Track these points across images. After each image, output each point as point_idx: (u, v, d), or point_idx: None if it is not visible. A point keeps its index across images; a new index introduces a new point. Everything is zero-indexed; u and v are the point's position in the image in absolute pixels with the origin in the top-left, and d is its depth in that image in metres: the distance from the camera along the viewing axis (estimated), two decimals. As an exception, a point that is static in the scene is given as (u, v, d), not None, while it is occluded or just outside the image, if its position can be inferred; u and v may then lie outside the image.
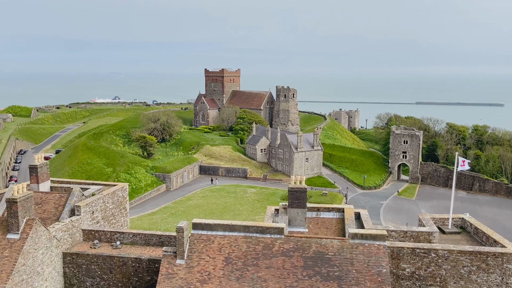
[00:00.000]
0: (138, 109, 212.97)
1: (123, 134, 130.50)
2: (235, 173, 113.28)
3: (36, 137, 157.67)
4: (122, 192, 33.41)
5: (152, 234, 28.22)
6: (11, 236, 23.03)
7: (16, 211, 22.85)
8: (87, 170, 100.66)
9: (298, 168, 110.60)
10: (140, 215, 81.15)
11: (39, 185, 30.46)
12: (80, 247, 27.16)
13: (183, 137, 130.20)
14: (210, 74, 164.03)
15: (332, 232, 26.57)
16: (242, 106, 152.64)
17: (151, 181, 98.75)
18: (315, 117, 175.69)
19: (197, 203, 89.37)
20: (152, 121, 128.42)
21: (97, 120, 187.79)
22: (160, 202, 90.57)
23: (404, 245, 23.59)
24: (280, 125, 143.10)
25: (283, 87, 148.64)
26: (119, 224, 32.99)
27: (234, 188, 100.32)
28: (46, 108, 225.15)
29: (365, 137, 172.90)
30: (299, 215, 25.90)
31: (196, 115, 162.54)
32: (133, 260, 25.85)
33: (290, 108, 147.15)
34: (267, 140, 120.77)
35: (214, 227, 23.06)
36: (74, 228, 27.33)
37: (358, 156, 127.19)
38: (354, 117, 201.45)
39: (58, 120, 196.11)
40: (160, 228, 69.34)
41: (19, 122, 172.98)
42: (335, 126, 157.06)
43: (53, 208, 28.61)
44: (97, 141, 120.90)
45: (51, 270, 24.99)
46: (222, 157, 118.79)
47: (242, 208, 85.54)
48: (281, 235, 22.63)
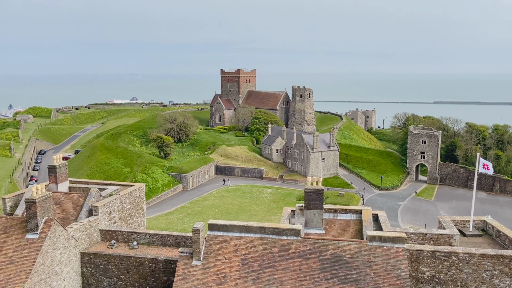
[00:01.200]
0: (155, 110, 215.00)
1: (140, 134, 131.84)
2: (250, 173, 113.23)
3: (56, 138, 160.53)
4: (139, 192, 33.61)
5: (169, 234, 28.29)
6: (30, 236, 23.34)
7: (35, 211, 23.16)
8: (105, 170, 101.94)
9: (314, 168, 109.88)
10: (157, 215, 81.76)
11: (57, 186, 30.86)
12: (98, 247, 27.40)
13: (199, 138, 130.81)
14: (226, 75, 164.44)
15: (350, 234, 26.18)
16: (257, 106, 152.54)
17: (168, 181, 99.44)
18: (331, 117, 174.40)
19: (213, 203, 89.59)
20: (169, 122, 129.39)
21: (115, 121, 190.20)
22: (176, 202, 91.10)
23: (424, 248, 23.09)
24: (296, 125, 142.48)
25: (299, 87, 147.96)
26: (136, 224, 33.20)
27: (250, 188, 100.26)
28: (65, 109, 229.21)
29: (382, 137, 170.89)
30: (315, 216, 25.61)
31: (212, 116, 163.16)
32: (149, 260, 25.96)
33: (306, 108, 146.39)
34: (282, 140, 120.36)
35: (230, 228, 22.96)
36: (91, 228, 27.58)
37: (375, 157, 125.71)
38: (371, 117, 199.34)
39: (77, 120, 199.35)
40: (177, 228, 69.71)
41: (40, 122, 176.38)
42: (351, 126, 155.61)
43: (71, 208, 28.95)
44: (115, 141, 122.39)
45: (69, 270, 25.26)
46: (238, 157, 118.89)
47: (258, 208, 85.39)
48: (297, 237, 22.39)
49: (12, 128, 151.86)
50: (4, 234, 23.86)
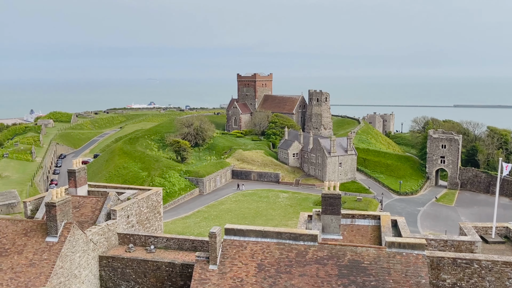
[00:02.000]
0: (172, 114, 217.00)
1: (157, 138, 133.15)
2: (267, 177, 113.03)
3: (75, 142, 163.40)
4: (156, 196, 33.87)
5: (185, 238, 28.38)
6: (50, 239, 23.70)
7: (54, 214, 23.51)
8: (123, 174, 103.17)
9: (331, 173, 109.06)
10: (174, 218, 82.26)
11: (77, 189, 31.32)
12: (116, 250, 27.64)
13: (215, 142, 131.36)
14: (242, 79, 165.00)
15: (368, 240, 25.80)
16: (274, 110, 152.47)
17: (185, 185, 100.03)
18: (349, 121, 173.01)
19: (230, 207, 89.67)
20: (186, 126, 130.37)
21: (133, 125, 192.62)
22: (193, 206, 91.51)
23: (445, 255, 22.58)
24: (313, 129, 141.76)
25: (316, 90, 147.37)
26: (153, 228, 33.43)
27: (266, 193, 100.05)
28: (85, 113, 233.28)
29: (401, 141, 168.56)
30: (333, 222, 25.33)
31: (228, 120, 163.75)
32: (166, 264, 26.05)
33: (323, 112, 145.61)
34: (299, 145, 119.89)
35: (247, 233, 22.88)
36: (110, 232, 27.86)
37: (393, 161, 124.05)
38: (389, 121, 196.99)
39: (96, 125, 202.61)
40: (193, 232, 69.96)
41: (60, 127, 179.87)
42: (369, 130, 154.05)
43: (90, 212, 29.32)
44: (133, 145, 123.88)
45: (88, 273, 25.54)
46: (254, 161, 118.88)
47: (274, 213, 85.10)
48: (314, 242, 22.16)
49: (33, 132, 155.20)
50: (25, 237, 24.30)
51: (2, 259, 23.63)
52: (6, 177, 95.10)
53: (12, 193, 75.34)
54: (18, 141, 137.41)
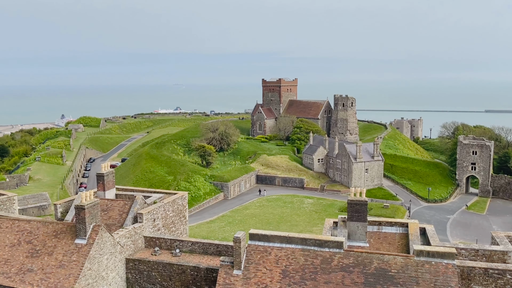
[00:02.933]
0: (198, 119, 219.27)
1: (183, 143, 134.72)
2: (291, 183, 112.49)
3: (104, 146, 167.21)
4: (182, 200, 34.20)
5: (210, 243, 28.51)
6: (79, 241, 24.26)
7: (83, 217, 24.07)
8: (149, 178, 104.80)
9: (357, 179, 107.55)
10: (198, 223, 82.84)
11: (105, 193, 31.99)
12: (142, 253, 28.03)
13: (240, 147, 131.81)
14: (267, 84, 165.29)
15: (395, 248, 25.25)
16: (299, 115, 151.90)
17: (210, 189, 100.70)
18: (375, 126, 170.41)
19: (254, 212, 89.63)
20: (211, 131, 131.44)
21: (160, 130, 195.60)
22: (218, 211, 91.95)
23: (476, 265, 21.85)
24: (338, 135, 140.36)
25: (341, 95, 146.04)
26: (178, 232, 33.73)
27: (290, 198, 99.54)
28: (113, 118, 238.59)
29: (430, 147, 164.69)
30: (359, 229, 24.93)
31: (253, 125, 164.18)
32: (191, 268, 26.23)
33: (349, 117, 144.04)
34: (324, 150, 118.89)
35: (271, 238, 22.79)
36: (136, 235, 28.29)
37: (422, 167, 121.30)
38: (417, 126, 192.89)
39: (124, 130, 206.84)
40: (218, 236, 70.23)
41: (89, 132, 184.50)
42: (396, 135, 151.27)
43: (118, 215, 29.87)
44: (159, 150, 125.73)
45: (115, 275, 25.97)
46: (278, 166, 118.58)
47: (299, 219, 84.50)
48: (340, 249, 21.85)
49: (64, 137, 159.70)
50: (55, 239, 24.96)
51: (33, 260, 24.35)
52: (38, 180, 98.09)
53: (43, 195, 77.65)
54: (49, 145, 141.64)
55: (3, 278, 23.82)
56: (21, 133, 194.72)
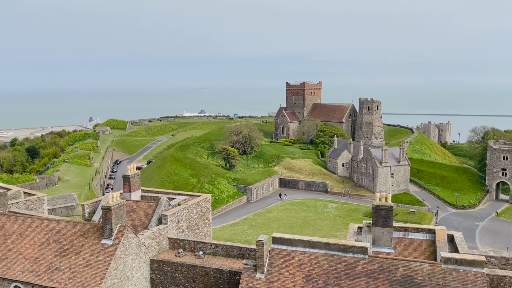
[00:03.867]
0: (221, 122, 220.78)
1: (207, 146, 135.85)
2: (315, 187, 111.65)
3: (130, 148, 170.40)
4: (205, 202, 34.44)
5: (233, 245, 28.57)
6: (105, 242, 24.74)
7: (110, 218, 24.54)
8: (174, 180, 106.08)
9: (382, 184, 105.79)
10: (221, 225, 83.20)
11: (131, 194, 32.54)
12: (166, 254, 28.35)
13: (263, 150, 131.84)
14: (291, 88, 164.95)
15: (422, 255, 24.67)
16: (323, 119, 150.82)
17: (233, 192, 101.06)
18: (401, 130, 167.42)
19: (277, 216, 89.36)
20: (235, 134, 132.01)
21: (184, 133, 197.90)
22: (241, 214, 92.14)
23: (507, 274, 21.10)
24: (363, 139, 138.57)
25: (367, 99, 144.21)
26: (202, 234, 33.96)
27: (314, 202, 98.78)
28: (139, 121, 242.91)
29: (458, 152, 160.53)
30: (384, 234, 24.49)
31: (276, 128, 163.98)
32: (214, 270, 26.33)
33: (374, 120, 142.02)
34: (349, 154, 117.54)
35: (294, 242, 22.65)
36: (161, 236, 28.64)
37: (449, 173, 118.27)
38: (445, 131, 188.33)
39: (149, 132, 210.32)
40: (241, 239, 70.33)
41: (116, 134, 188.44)
42: (423, 140, 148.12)
43: (143, 216, 30.33)
44: (184, 152, 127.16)
45: (140, 275, 26.35)
46: (302, 170, 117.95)
47: (322, 223, 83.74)
48: (364, 255, 21.50)
49: (92, 139, 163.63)
50: (82, 239, 25.55)
51: (61, 259, 24.98)
52: (66, 181, 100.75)
53: (71, 196, 79.69)
54: (78, 147, 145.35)
55: (33, 276, 24.54)
56: (51, 135, 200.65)
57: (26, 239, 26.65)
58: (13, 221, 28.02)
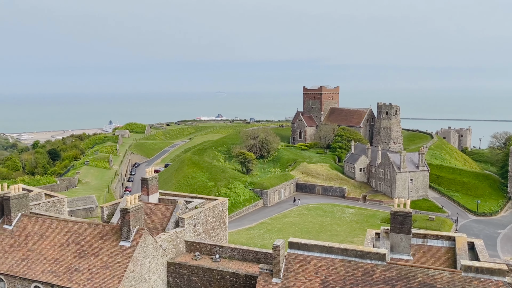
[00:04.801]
0: (238, 126, 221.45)
1: (224, 150, 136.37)
2: (332, 192, 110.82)
3: (148, 152, 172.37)
4: (222, 206, 34.57)
5: (249, 250, 28.57)
6: (123, 244, 25.05)
7: (128, 220, 24.86)
8: (191, 184, 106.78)
9: (400, 189, 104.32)
10: (238, 229, 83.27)
11: (149, 197, 32.90)
12: (183, 257, 28.52)
13: (280, 154, 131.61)
14: (308, 92, 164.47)
15: (441, 262, 24.21)
16: (340, 123, 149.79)
17: (249, 196, 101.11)
18: (420, 135, 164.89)
19: (293, 220, 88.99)
20: (251, 138, 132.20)
21: (202, 137, 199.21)
22: (257, 218, 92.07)
23: (530, 284, 20.48)
24: (381, 144, 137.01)
25: (385, 103, 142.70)
26: (218, 238, 34.07)
27: (331, 208, 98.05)
28: (157, 125, 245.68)
29: (479, 158, 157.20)
30: (403, 241, 24.13)
31: (293, 132, 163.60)
32: (230, 274, 26.37)
33: (392, 125, 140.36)
34: (366, 159, 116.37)
35: (311, 247, 22.52)
36: (178, 239, 28.84)
37: (470, 179, 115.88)
38: (466, 136, 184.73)
39: (167, 136, 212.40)
40: (257, 243, 70.26)
41: (135, 137, 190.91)
42: (443, 145, 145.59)
43: (160, 218, 30.62)
44: (201, 156, 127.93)
45: (157, 278, 26.57)
46: (319, 175, 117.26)
47: (339, 228, 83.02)
48: (382, 262, 21.23)
49: (111, 142, 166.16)
50: (101, 240, 25.92)
51: (80, 260, 25.39)
52: (86, 183, 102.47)
53: (91, 198, 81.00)
54: (97, 149, 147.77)
55: (52, 277, 25.00)
56: (71, 138, 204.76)
57: (47, 240, 27.19)
58: (34, 222, 28.64)
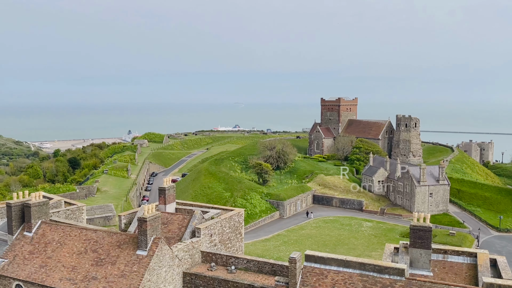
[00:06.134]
0: (255, 137, 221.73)
1: (241, 160, 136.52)
2: (349, 204, 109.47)
3: (166, 161, 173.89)
4: (238, 217, 34.47)
5: (265, 262, 28.33)
6: (140, 253, 25.16)
7: (145, 229, 24.99)
8: (208, 194, 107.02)
9: (420, 203, 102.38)
10: (253, 240, 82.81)
11: (166, 206, 33.07)
12: (199, 268, 28.46)
13: (297, 165, 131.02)
14: (326, 103, 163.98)
15: (462, 279, 23.54)
16: (358, 135, 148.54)
17: (266, 207, 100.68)
18: (441, 148, 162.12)
19: (310, 233, 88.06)
20: (268, 149, 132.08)
21: (219, 147, 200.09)
22: (273, 229, 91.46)
23: (557, 305, 19.71)
24: (400, 156, 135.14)
25: (404, 115, 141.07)
26: (234, 249, 33.92)
27: (348, 221, 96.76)
28: (175, 135, 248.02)
29: (501, 172, 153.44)
30: (422, 256, 23.58)
31: (310, 144, 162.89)
32: (246, 286, 26.16)
33: (412, 138, 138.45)
34: (385, 172, 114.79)
35: (328, 261, 22.20)
36: (194, 249, 28.83)
37: (492, 194, 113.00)
38: (487, 150, 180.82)
39: (185, 146, 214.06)
40: (273, 255, 69.69)
41: (153, 147, 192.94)
42: (464, 159, 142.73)
43: (177, 228, 30.69)
44: (218, 166, 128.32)
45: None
46: (336, 187, 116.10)
47: (357, 242, 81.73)
48: (401, 277, 20.76)
49: (130, 151, 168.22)
50: (118, 249, 26.10)
51: (97, 268, 25.59)
52: (104, 192, 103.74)
53: (109, 206, 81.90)
54: (116, 159, 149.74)
55: (70, 284, 25.24)
56: (91, 147, 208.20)
57: (65, 248, 27.53)
58: (53, 229, 29.07)
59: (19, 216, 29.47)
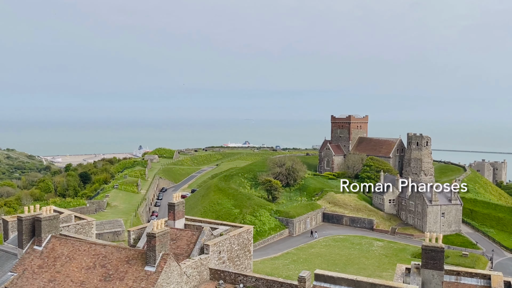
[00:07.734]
0: (265, 154, 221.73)
1: (250, 177, 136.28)
2: (360, 223, 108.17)
3: (176, 177, 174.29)
4: (247, 234, 34.24)
5: (274, 280, 27.99)
6: (148, 269, 25.05)
7: (154, 245, 24.92)
8: (217, 210, 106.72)
9: (432, 223, 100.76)
10: (262, 258, 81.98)
11: (175, 222, 33.02)
12: (207, 285, 28.21)
13: (307, 183, 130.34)
14: (336, 121, 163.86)
15: (476, 302, 22.97)
16: (369, 153, 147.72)
17: (275, 225, 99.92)
18: (453, 167, 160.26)
19: (320, 252, 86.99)
20: (278, 166, 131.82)
21: (228, 163, 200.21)
22: (282, 247, 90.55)
23: None
24: (412, 175, 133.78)
25: (415, 134, 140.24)
26: (243, 266, 33.61)
27: (359, 240, 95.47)
28: (186, 150, 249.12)
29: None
30: (434, 277, 23.12)
31: (320, 161, 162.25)
32: (254, 305, 25.80)
33: (423, 156, 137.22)
34: (396, 190, 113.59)
35: (338, 280, 21.88)
36: (202, 266, 28.63)
37: (506, 214, 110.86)
38: (501, 169, 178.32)
39: (195, 162, 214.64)
40: (282, 274, 68.85)
41: (163, 162, 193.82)
42: (476, 178, 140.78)
43: (185, 244, 30.57)
44: (227, 182, 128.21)
45: (180, 305, 26.26)
46: (346, 205, 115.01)
47: (367, 262, 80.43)
48: (413, 299, 20.33)
49: (140, 166, 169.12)
50: (126, 265, 26.03)
51: (105, 284, 25.50)
52: (114, 207, 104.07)
53: (118, 221, 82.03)
54: (127, 174, 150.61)
55: (78, 299, 25.13)
56: (102, 162, 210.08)
57: (74, 262, 27.54)
58: (63, 243, 29.15)
59: (29, 230, 29.64)
